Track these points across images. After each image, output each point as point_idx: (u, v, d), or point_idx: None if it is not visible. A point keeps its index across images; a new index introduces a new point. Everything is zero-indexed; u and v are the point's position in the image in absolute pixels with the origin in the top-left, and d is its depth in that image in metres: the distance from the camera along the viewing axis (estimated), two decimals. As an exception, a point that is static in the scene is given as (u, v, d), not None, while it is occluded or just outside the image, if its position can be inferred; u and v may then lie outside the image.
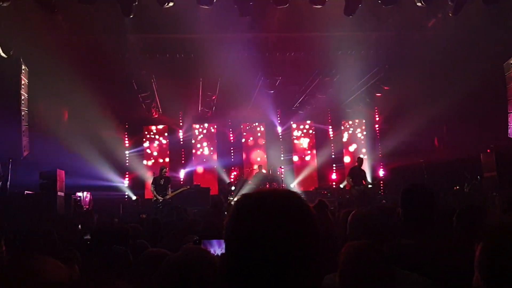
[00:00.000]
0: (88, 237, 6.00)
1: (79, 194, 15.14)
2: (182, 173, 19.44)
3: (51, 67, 13.49)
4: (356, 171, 15.50)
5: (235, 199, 1.59)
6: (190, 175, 19.57)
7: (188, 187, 16.98)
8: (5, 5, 10.59)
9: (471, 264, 1.84)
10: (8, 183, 11.88)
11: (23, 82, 13.00)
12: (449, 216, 4.18)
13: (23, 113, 12.87)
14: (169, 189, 14.93)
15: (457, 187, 15.34)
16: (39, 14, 11.70)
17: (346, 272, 2.40)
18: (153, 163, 19.23)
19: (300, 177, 20.13)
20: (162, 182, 14.78)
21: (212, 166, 19.91)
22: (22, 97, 12.90)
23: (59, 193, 13.19)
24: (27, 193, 12.56)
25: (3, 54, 11.71)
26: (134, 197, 17.39)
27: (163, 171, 15.09)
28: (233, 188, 17.41)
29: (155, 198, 14.69)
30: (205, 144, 20.33)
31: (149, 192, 15.64)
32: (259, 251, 1.27)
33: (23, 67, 13.05)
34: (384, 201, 13.96)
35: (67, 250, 4.42)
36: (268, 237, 1.27)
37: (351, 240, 2.92)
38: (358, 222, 3.17)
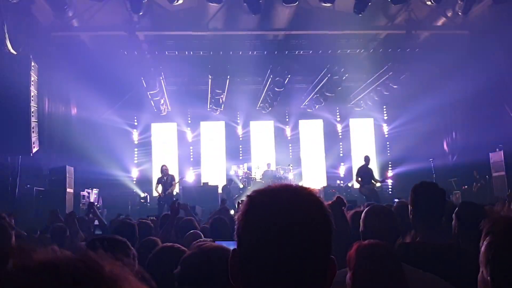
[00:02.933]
0: (100, 232, 6.04)
1: (88, 190, 15.22)
2: (190, 170, 19.47)
3: (60, 63, 13.56)
4: (364, 170, 15.44)
5: (247, 194, 1.60)
6: (198, 173, 19.60)
7: (182, 178, 17.07)
8: (14, 1, 10.64)
9: (473, 262, 1.85)
10: (18, 179, 11.95)
11: (32, 78, 13.06)
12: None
13: (32, 109, 12.93)
14: (174, 185, 15.06)
15: (466, 187, 15.29)
16: (49, 11, 11.76)
17: (359, 272, 2.40)
18: (161, 160, 19.21)
19: (308, 175, 20.11)
20: (165, 179, 14.87)
21: (220, 164, 19.92)
22: (32, 94, 12.96)
23: (68, 190, 13.27)
24: (36, 189, 12.64)
25: (12, 51, 11.75)
26: (142, 194, 17.42)
27: (163, 168, 15.18)
28: (241, 186, 17.40)
29: (157, 195, 14.89)
30: (213, 141, 20.32)
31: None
32: (271, 247, 1.26)
33: (32, 63, 13.11)
34: (396, 199, 13.91)
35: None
36: (280, 233, 1.26)
37: (364, 237, 2.90)
38: (372, 219, 3.14)
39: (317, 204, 1.34)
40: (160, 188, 14.76)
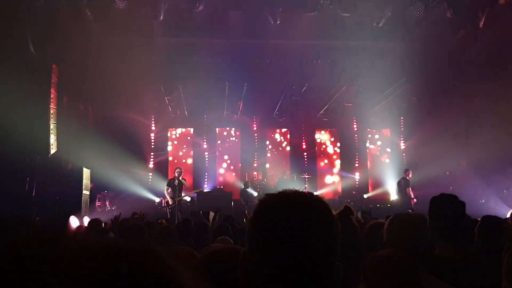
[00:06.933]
0: (112, 235, 6.06)
1: (104, 193, 15.31)
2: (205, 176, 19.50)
3: (80, 66, 13.70)
4: None
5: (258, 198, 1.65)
6: (213, 179, 19.60)
7: (200, 190, 16.98)
8: (38, 4, 10.80)
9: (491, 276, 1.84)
10: (35, 180, 12.07)
11: (52, 80, 13.22)
12: (473, 228, 4.14)
13: (51, 111, 13.07)
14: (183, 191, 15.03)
15: (483, 201, 15.13)
16: (71, 14, 11.91)
17: (373, 283, 2.38)
18: (176, 165, 19.25)
19: (324, 185, 20.03)
20: (176, 183, 14.83)
21: (235, 170, 19.92)
22: (51, 95, 13.10)
23: (84, 191, 13.37)
24: (53, 191, 12.75)
25: (34, 53, 11.92)
26: (157, 200, 17.43)
27: (177, 171, 15.16)
28: (255, 194, 17.27)
29: (167, 200, 14.83)
30: (229, 148, 20.33)
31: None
32: (279, 249, 1.30)
33: (53, 66, 13.27)
34: (410, 210, 13.85)
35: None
36: (288, 236, 1.30)
37: (389, 247, 2.83)
38: (397, 229, 2.99)
39: (325, 210, 1.39)
40: (170, 191, 14.73)
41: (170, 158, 19.75)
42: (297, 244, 1.29)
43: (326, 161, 20.80)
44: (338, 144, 20.87)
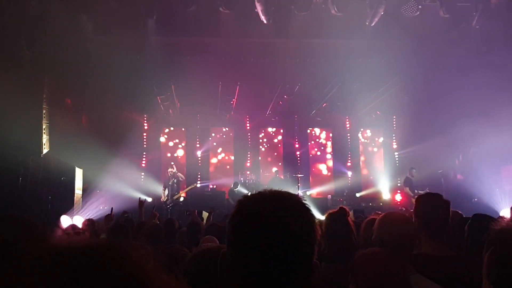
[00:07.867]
0: (104, 236, 6.05)
1: (96, 192, 15.25)
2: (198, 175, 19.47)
3: (73, 65, 13.65)
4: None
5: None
6: (206, 178, 19.57)
7: (195, 185, 16.98)
8: (31, 4, 10.76)
9: (477, 274, 1.84)
10: (28, 179, 12.02)
11: (45, 80, 13.16)
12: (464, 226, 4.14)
13: (44, 111, 13.01)
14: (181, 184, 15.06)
15: (476, 200, 15.18)
16: (64, 13, 11.86)
17: (360, 281, 2.38)
18: (170, 163, 19.19)
19: (316, 184, 20.03)
20: (171, 182, 14.81)
21: (228, 170, 19.90)
22: (44, 95, 13.05)
23: (76, 191, 13.32)
24: (45, 190, 12.70)
25: (27, 52, 11.86)
26: (149, 199, 17.36)
27: (169, 170, 15.14)
28: (249, 194, 17.22)
29: (163, 199, 14.83)
30: (222, 147, 20.30)
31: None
32: (256, 249, 1.32)
33: (46, 65, 13.21)
34: (404, 208, 13.91)
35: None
36: (264, 236, 1.32)
37: (377, 245, 2.82)
38: (386, 228, 2.97)
39: (303, 210, 1.42)
40: (166, 192, 14.74)
41: (163, 157, 19.70)
42: (272, 244, 1.31)
43: (318, 156, 20.81)
44: (331, 143, 20.90)
